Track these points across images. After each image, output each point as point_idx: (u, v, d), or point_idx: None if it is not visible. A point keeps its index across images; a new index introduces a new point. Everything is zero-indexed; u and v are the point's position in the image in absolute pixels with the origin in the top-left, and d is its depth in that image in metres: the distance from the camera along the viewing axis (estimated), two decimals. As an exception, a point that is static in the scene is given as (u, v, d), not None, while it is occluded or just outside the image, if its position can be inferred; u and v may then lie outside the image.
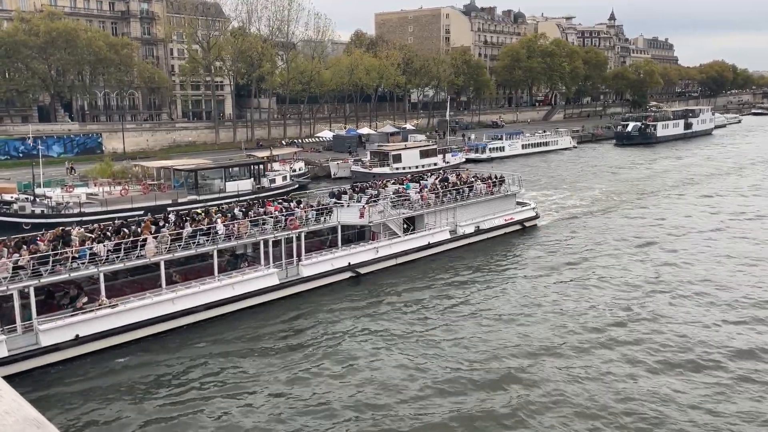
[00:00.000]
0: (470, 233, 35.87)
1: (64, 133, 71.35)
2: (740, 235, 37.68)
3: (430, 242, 33.57)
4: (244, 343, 22.41)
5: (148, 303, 22.85)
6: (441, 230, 34.49)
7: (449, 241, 34.69)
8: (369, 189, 35.73)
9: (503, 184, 39.44)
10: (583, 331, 22.97)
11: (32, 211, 38.08)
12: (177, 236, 24.56)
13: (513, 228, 38.61)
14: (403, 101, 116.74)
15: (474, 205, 36.84)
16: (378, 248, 31.01)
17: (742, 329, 22.86)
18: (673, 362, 20.15)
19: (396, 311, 25.54)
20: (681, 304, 25.66)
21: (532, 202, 42.06)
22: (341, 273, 29.18)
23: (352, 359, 20.82)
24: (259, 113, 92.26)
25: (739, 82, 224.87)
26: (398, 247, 31.99)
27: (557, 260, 32.55)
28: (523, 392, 18.26)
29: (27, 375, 19.54)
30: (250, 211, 28.49)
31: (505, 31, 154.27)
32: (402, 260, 31.90)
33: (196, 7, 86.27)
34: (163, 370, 20.28)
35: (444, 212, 35.13)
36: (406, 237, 32.64)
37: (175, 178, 45.90)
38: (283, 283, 26.89)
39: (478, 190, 37.53)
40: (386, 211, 31.99)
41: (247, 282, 25.88)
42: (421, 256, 32.84)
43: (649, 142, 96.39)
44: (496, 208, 38.07)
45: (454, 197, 36.07)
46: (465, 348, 21.64)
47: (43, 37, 68.66)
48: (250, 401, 18.16)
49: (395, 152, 60.84)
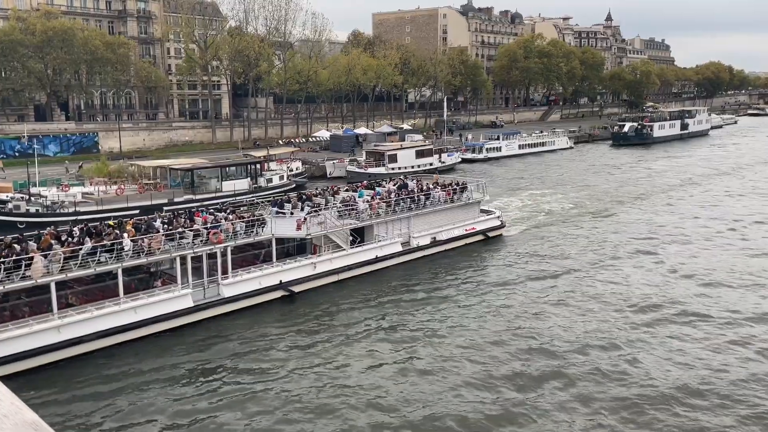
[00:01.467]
0: (425, 245, 33.04)
1: (61, 132, 71.33)
2: (736, 247, 34.77)
3: (378, 256, 30.55)
4: (136, 377, 19.44)
5: (26, 332, 19.63)
6: (392, 242, 31.47)
7: (401, 254, 31.72)
8: (316, 197, 32.79)
9: (465, 191, 36.63)
10: (545, 357, 20.27)
11: (27, 210, 38.01)
12: (73, 253, 21.51)
13: (475, 239, 35.76)
14: (400, 101, 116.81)
15: (430, 215, 34.04)
16: (316, 264, 27.99)
17: (730, 359, 20.15)
18: (652, 396, 17.81)
19: (329, 334, 22.66)
20: (655, 333, 22.30)
21: (497, 210, 39.24)
22: (271, 292, 26.15)
23: (263, 392, 18.30)
24: (256, 113, 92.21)
25: (736, 83, 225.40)
26: (341, 261, 29.05)
27: (517, 274, 29.73)
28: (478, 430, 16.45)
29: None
30: (176, 222, 25.77)
31: (503, 31, 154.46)
32: (346, 276, 29.03)
33: (193, 6, 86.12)
34: (43, 410, 16.78)
35: (396, 222, 32.22)
36: (352, 250, 29.70)
37: (172, 178, 45.90)
38: (199, 306, 23.76)
39: (436, 198, 34.71)
40: (327, 223, 29.04)
41: (154, 305, 22.59)
42: (368, 271, 29.92)
43: (646, 142, 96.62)
44: (455, 217, 35.35)
45: (408, 206, 33.09)
46: (403, 379, 18.90)
47: (40, 36, 68.54)
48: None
49: (391, 152, 60.87)
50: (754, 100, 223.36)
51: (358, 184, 38.18)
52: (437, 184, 36.54)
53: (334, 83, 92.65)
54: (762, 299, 25.94)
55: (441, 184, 36.72)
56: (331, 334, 22.85)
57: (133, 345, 21.61)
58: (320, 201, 31.88)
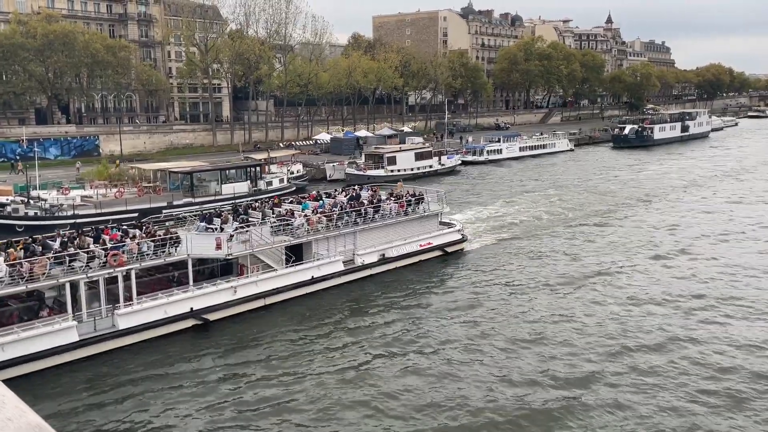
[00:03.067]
0: (372, 263, 29.85)
1: (61, 135, 71.49)
2: (719, 261, 31.59)
3: (314, 276, 27.32)
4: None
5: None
6: (332, 261, 28.23)
7: (343, 273, 28.45)
8: (254, 210, 29.79)
9: (422, 202, 33.30)
10: (507, 398, 17.79)
11: (25, 213, 38.08)
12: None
13: (431, 255, 32.57)
14: (400, 104, 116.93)
15: (379, 229, 30.75)
16: (237, 287, 24.57)
17: (696, 408, 17.32)
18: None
19: (242, 371, 19.65)
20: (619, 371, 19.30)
21: (458, 223, 35.82)
22: (180, 322, 22.88)
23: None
24: (256, 116, 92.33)
25: (736, 85, 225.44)
26: (270, 284, 25.78)
27: (469, 297, 26.45)
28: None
29: None
30: (79, 240, 22.85)
31: (503, 34, 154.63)
32: (275, 300, 25.81)
33: (193, 9, 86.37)
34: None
35: (340, 238, 29.12)
36: (283, 271, 26.42)
37: (171, 181, 45.95)
38: (86, 340, 20.65)
39: (387, 211, 31.40)
40: (254, 240, 25.61)
41: (28, 341, 19.41)
42: (302, 294, 26.70)
43: (646, 144, 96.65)
44: (409, 231, 32.09)
45: (354, 220, 29.92)
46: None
47: (41, 40, 68.74)
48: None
49: (390, 154, 60.92)
50: (754, 102, 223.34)
51: (305, 196, 35.13)
52: (392, 195, 33.42)
53: (335, 86, 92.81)
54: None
55: (396, 195, 33.46)
56: (244, 370, 19.67)
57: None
58: (257, 215, 28.87)
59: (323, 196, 33.60)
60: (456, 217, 39.43)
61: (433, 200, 34.19)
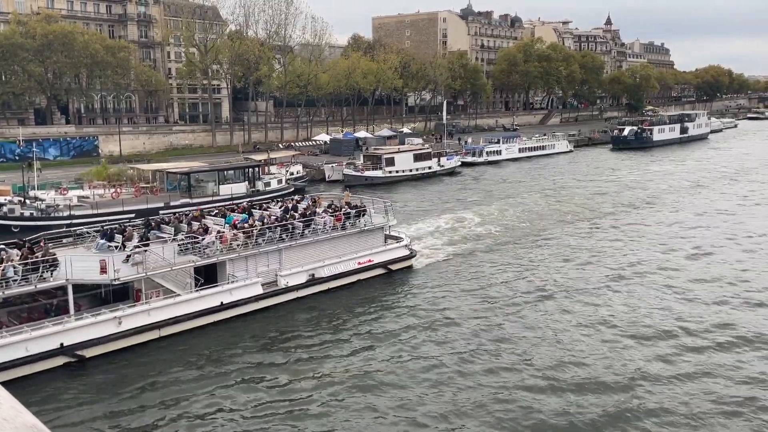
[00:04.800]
0: (298, 285, 26.15)
1: (61, 135, 71.56)
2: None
3: (224, 302, 23.58)
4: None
5: None
6: (248, 284, 24.58)
7: (261, 297, 24.72)
8: (167, 225, 26.76)
9: (364, 215, 29.66)
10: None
11: (21, 213, 38.07)
12: None
13: (372, 273, 28.83)
14: (400, 105, 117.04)
15: (310, 246, 27.08)
16: (122, 318, 20.88)
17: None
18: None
19: (119, 418, 16.63)
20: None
21: (405, 237, 31.64)
22: (47, 360, 19.37)
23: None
24: (256, 116, 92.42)
25: (735, 86, 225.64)
26: (165, 312, 21.96)
27: (409, 322, 23.22)
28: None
29: None
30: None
31: (502, 35, 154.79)
32: (173, 331, 22.00)
33: (193, 10, 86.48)
34: None
35: (261, 257, 25.49)
36: (186, 297, 22.67)
37: (169, 181, 45.96)
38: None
39: (321, 225, 27.75)
40: (150, 262, 22.37)
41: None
42: (208, 323, 22.93)
43: (645, 146, 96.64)
44: (345, 247, 28.37)
45: (279, 236, 26.23)
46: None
47: (40, 40, 68.83)
48: None
49: (388, 155, 60.91)
50: (753, 103, 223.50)
51: (234, 208, 30.90)
52: (330, 207, 29.83)
53: (334, 87, 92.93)
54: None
55: (333, 207, 29.76)
56: (117, 417, 16.70)
57: None
58: (170, 230, 25.94)
59: (255, 208, 30.11)
60: (419, 227, 36.74)
61: (378, 212, 30.64)
